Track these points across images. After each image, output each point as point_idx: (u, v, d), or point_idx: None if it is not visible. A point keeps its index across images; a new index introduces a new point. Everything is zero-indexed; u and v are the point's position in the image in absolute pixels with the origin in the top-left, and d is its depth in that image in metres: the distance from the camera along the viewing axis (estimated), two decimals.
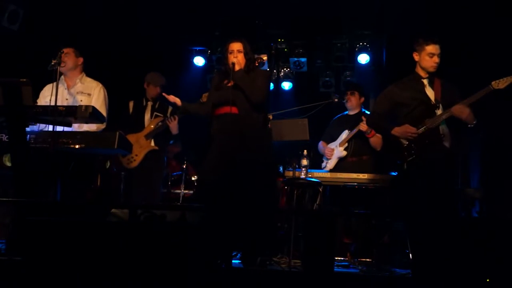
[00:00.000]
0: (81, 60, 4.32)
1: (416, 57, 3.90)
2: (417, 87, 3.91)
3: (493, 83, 3.66)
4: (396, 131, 3.89)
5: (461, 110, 3.69)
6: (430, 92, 3.89)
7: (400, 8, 5.72)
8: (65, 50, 4.00)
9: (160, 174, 5.20)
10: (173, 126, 4.94)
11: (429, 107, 3.85)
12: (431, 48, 3.81)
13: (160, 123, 5.04)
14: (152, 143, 5.03)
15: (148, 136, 5.01)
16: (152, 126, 5.05)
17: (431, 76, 3.90)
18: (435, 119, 3.81)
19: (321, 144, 5.16)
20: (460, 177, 5.46)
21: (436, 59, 3.82)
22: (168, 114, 5.11)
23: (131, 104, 5.21)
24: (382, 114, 4.06)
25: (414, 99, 3.89)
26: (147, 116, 5.13)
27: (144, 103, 5.18)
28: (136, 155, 4.96)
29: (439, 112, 3.84)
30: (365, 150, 4.87)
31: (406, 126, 3.84)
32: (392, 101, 4.00)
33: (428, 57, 3.83)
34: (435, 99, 3.85)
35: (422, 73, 3.92)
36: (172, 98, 3.97)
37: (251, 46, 3.96)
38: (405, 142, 3.88)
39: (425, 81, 3.91)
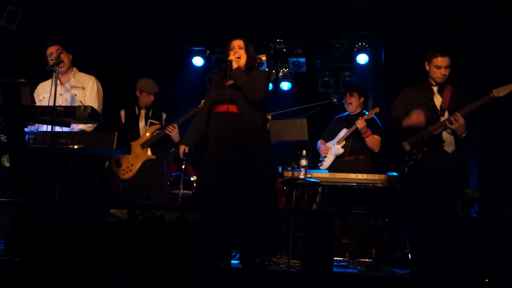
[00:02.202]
0: (70, 56, 4.29)
1: (426, 66, 4.03)
2: (426, 95, 4.06)
3: (494, 91, 3.75)
4: (407, 122, 4.00)
5: (453, 120, 3.80)
6: (438, 100, 4.03)
7: (398, 8, 5.72)
8: (54, 48, 4.03)
9: (161, 183, 4.94)
10: (174, 134, 4.75)
11: (434, 115, 3.97)
12: (438, 61, 3.93)
13: (157, 131, 4.86)
14: (149, 152, 4.82)
15: (144, 145, 4.80)
16: (148, 135, 4.85)
17: (442, 84, 4.01)
18: (437, 126, 3.94)
19: (320, 142, 5.16)
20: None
21: (443, 71, 3.94)
22: (164, 121, 4.96)
23: (122, 113, 4.96)
24: (400, 117, 4.14)
25: (421, 105, 4.02)
26: (141, 124, 4.91)
27: (137, 111, 4.95)
28: (132, 165, 4.78)
29: (443, 119, 3.96)
30: (362, 150, 4.87)
31: (417, 111, 3.94)
32: (405, 103, 4.13)
33: (435, 68, 3.96)
34: (441, 107, 3.98)
35: (432, 81, 4.04)
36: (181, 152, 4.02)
37: (252, 45, 3.96)
38: (407, 147, 4.02)
39: (435, 89, 4.05)
